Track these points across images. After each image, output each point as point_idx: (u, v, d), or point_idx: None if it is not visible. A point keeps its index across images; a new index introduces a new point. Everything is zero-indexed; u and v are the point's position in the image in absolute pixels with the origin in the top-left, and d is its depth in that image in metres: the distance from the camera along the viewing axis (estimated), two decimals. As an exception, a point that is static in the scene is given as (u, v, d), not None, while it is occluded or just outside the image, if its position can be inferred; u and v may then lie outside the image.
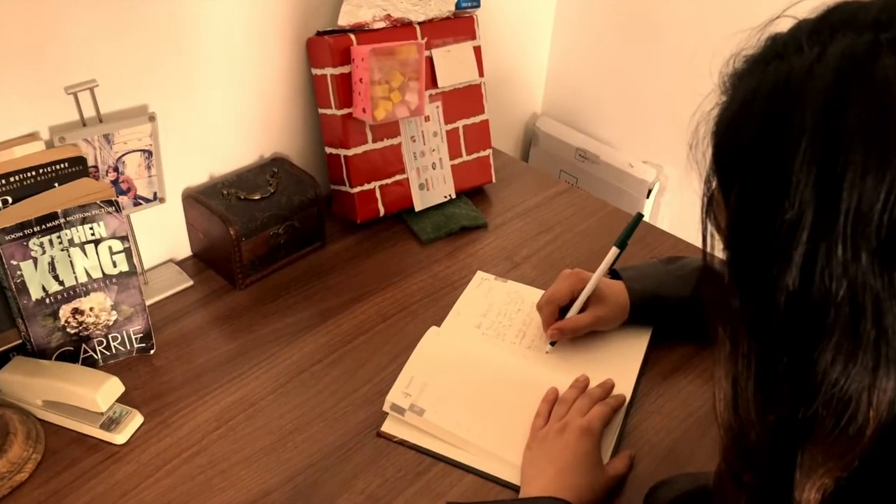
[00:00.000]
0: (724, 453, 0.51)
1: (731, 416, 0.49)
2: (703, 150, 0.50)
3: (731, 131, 0.47)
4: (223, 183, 1.08)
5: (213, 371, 0.95)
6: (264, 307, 1.05)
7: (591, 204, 1.28)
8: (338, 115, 1.11)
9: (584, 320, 0.95)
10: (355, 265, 1.12)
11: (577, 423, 0.82)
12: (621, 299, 0.97)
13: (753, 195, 0.45)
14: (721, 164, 0.48)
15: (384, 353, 0.98)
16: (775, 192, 0.43)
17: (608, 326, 0.98)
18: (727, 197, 0.47)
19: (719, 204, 0.49)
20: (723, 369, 0.49)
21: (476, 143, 1.24)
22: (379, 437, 0.87)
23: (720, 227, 0.50)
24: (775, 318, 0.44)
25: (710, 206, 0.51)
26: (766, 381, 0.46)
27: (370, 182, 1.15)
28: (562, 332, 0.96)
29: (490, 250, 1.16)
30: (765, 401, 0.47)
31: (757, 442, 0.48)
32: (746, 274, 0.47)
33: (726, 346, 0.48)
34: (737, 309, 0.47)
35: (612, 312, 0.96)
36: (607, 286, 0.97)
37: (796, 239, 0.42)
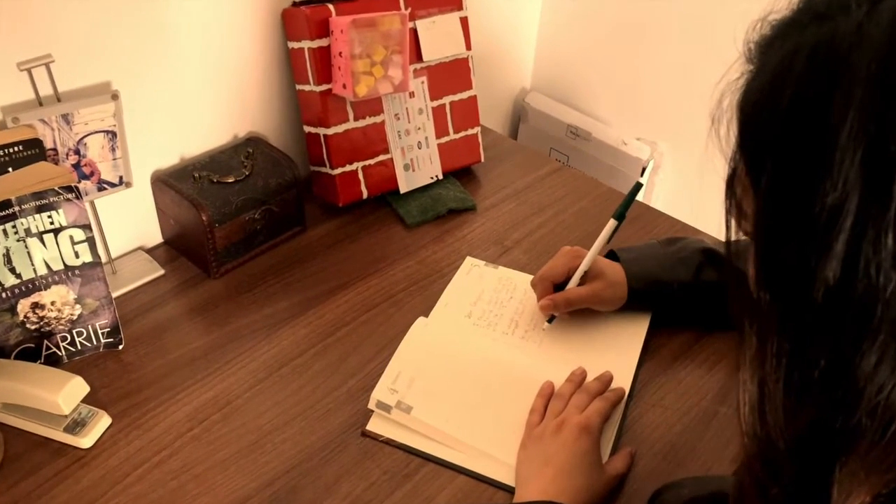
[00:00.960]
0: (749, 463, 0.46)
1: (757, 422, 0.44)
2: (727, 124, 0.45)
3: (762, 103, 0.42)
4: (194, 165, 1.02)
5: (186, 367, 0.89)
6: (241, 297, 0.99)
7: (584, 184, 1.22)
8: (316, 91, 1.04)
9: (579, 292, 0.90)
10: (337, 251, 1.06)
11: (575, 421, 0.77)
12: (620, 279, 0.92)
13: (788, 175, 0.40)
14: (749, 141, 0.43)
15: (369, 345, 0.93)
16: (815, 172, 0.38)
17: (605, 306, 0.93)
18: (756, 178, 0.42)
19: (745, 187, 0.44)
20: (749, 371, 0.44)
21: (464, 120, 1.17)
22: (364, 436, 0.82)
23: (744, 212, 0.45)
24: (811, 315, 0.39)
25: (731, 188, 0.46)
26: (799, 385, 0.41)
27: (352, 163, 1.08)
28: (555, 305, 0.91)
29: (479, 234, 1.10)
30: (796, 407, 0.42)
31: (786, 452, 0.43)
32: (778, 265, 0.42)
33: (753, 345, 0.44)
34: (766, 304, 0.42)
35: (609, 290, 0.91)
36: (606, 264, 0.93)
37: (838, 226, 0.37)
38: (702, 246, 0.95)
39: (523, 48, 1.55)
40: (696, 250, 0.94)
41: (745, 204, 0.45)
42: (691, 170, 1.43)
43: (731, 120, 0.44)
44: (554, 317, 0.93)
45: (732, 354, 0.94)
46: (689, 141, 1.41)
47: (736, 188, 0.45)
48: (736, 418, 0.84)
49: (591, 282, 0.91)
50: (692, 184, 1.44)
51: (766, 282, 0.43)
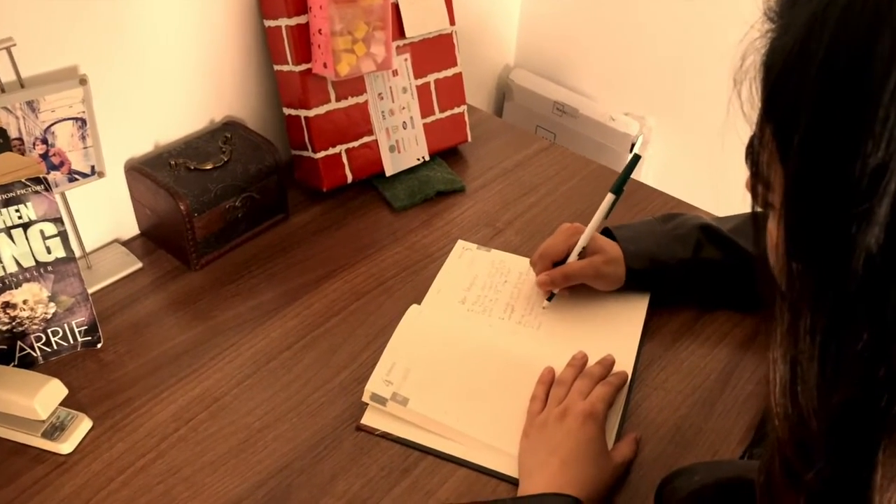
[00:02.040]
0: (779, 448, 0.43)
1: (788, 403, 0.41)
2: (750, 85, 0.41)
3: (792, 61, 0.38)
4: (170, 152, 0.97)
5: (169, 364, 0.85)
6: (224, 289, 0.95)
7: (573, 162, 1.19)
8: (296, 71, 0.99)
9: (577, 266, 0.88)
10: (323, 238, 1.02)
11: (579, 408, 0.74)
12: (618, 256, 0.89)
13: (824, 137, 0.37)
14: (778, 103, 0.39)
15: (360, 335, 0.89)
16: (854, 132, 0.35)
17: (604, 283, 0.90)
18: (786, 142, 0.39)
19: (771, 152, 0.41)
20: (779, 349, 0.41)
21: (449, 98, 1.13)
22: (359, 430, 0.79)
23: (767, 180, 0.42)
24: (851, 287, 0.36)
25: (755, 154, 0.43)
26: (836, 362, 0.39)
27: (335, 145, 1.04)
28: (553, 281, 0.88)
29: (470, 216, 1.07)
30: (832, 386, 0.39)
31: (820, 434, 0.40)
32: (813, 234, 0.38)
33: (784, 321, 0.41)
34: (798, 276, 0.39)
35: (609, 267, 0.89)
36: (605, 242, 0.90)
37: (881, 189, 0.34)
38: (700, 222, 0.92)
39: (506, 24, 1.51)
40: (694, 227, 0.92)
41: (769, 171, 0.42)
42: (681, 144, 1.40)
43: (755, 79, 0.41)
44: (553, 294, 0.91)
45: (735, 332, 0.92)
46: (679, 115, 1.38)
47: (760, 154, 0.42)
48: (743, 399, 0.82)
49: (590, 258, 0.88)
50: (683, 158, 1.41)
51: (798, 253, 0.40)
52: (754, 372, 0.87)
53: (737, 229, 0.92)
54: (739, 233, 0.91)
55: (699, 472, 0.64)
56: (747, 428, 0.82)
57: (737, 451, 0.80)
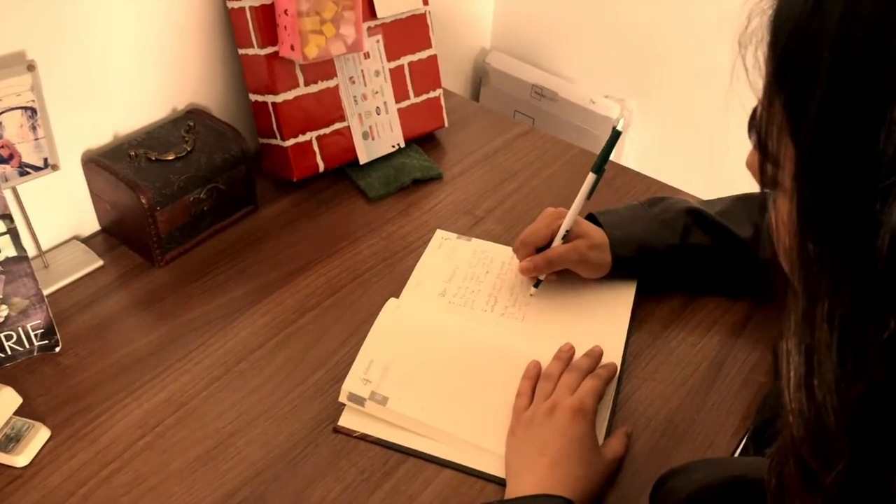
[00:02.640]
0: (794, 447, 0.40)
1: (803, 398, 0.38)
2: (755, 49, 0.38)
3: (806, 21, 0.34)
4: (130, 143, 0.92)
5: (133, 367, 0.80)
6: (190, 287, 0.90)
7: (554, 146, 1.15)
8: (261, 55, 0.94)
9: (560, 251, 0.84)
10: (294, 231, 0.98)
11: (568, 403, 0.71)
12: (604, 242, 0.86)
13: (842, 106, 0.33)
14: (789, 68, 0.36)
15: (336, 332, 0.85)
16: (878, 99, 0.32)
17: (590, 269, 0.86)
18: (798, 112, 0.35)
19: (781, 124, 0.37)
20: (793, 339, 0.38)
21: (424, 82, 1.09)
22: (336, 433, 0.75)
23: (774, 155, 0.38)
24: (875, 268, 0.33)
25: (756, 127, 0.40)
26: (857, 351, 0.35)
27: (305, 133, 0.99)
28: (536, 267, 0.84)
29: (448, 205, 1.03)
30: (852, 377, 0.36)
31: (838, 431, 0.37)
32: (831, 212, 0.35)
33: (798, 308, 0.37)
34: (815, 257, 0.36)
35: (594, 252, 0.85)
36: (589, 227, 0.87)
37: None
38: (687, 206, 0.89)
39: (481, 5, 1.47)
40: (681, 211, 0.88)
41: (777, 145, 0.38)
42: (663, 127, 1.37)
43: (762, 42, 0.37)
44: (540, 281, 0.87)
45: (725, 319, 0.88)
46: (660, 97, 1.35)
47: (767, 127, 0.38)
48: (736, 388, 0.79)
49: (574, 241, 0.85)
50: (664, 141, 1.38)
51: (814, 233, 0.36)
52: (746, 360, 0.84)
53: (725, 213, 0.89)
54: (728, 216, 0.88)
55: (697, 471, 0.60)
56: (741, 418, 0.79)
57: (732, 442, 0.77)
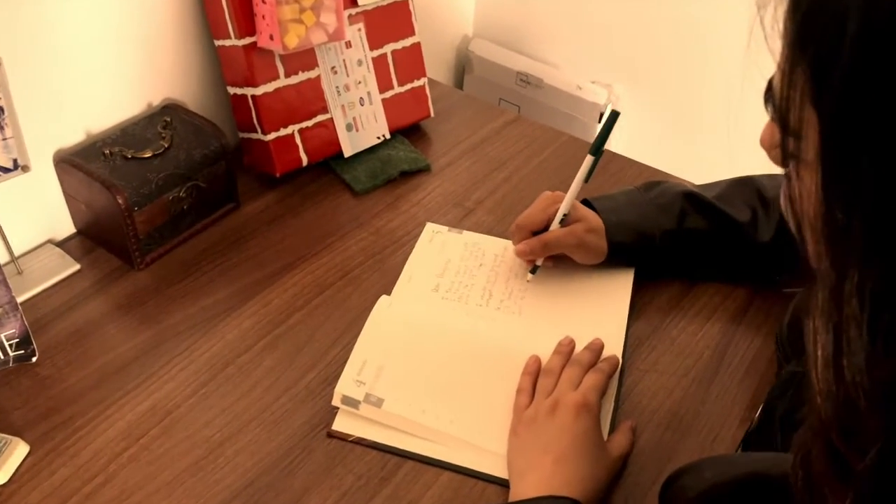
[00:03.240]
0: (823, 430, 0.38)
1: (832, 379, 0.36)
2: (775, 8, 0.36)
3: None
4: (104, 141, 0.88)
5: (115, 375, 0.77)
6: (172, 289, 0.86)
7: (542, 134, 1.12)
8: (239, 45, 0.91)
9: (557, 234, 0.82)
10: (279, 228, 0.94)
11: (571, 399, 0.68)
12: (600, 227, 0.84)
13: (870, 67, 0.31)
14: (814, 30, 0.34)
15: (326, 331, 0.81)
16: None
17: (587, 255, 0.84)
18: (824, 78, 0.33)
19: (804, 92, 0.35)
20: (821, 317, 0.36)
21: (408, 71, 1.06)
22: (330, 437, 0.72)
23: (795, 126, 0.36)
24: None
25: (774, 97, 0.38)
26: (889, 328, 0.34)
27: (287, 126, 0.96)
28: (532, 250, 0.82)
29: (437, 197, 0.99)
30: (885, 356, 0.34)
31: (869, 414, 0.35)
32: (860, 179, 0.33)
33: (826, 284, 0.35)
34: (843, 228, 0.34)
35: (591, 236, 0.83)
36: (586, 211, 0.84)
37: None
38: (683, 190, 0.87)
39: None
40: (678, 195, 0.86)
41: (799, 115, 0.36)
42: (651, 112, 1.34)
43: (781, 3, 0.35)
44: (537, 267, 0.85)
45: (726, 305, 0.86)
46: (647, 81, 1.33)
47: (788, 96, 0.36)
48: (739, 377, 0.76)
49: (572, 225, 0.83)
50: (653, 126, 1.35)
51: (842, 204, 0.34)
52: (749, 347, 0.83)
53: (721, 197, 0.87)
54: (724, 200, 0.86)
55: (709, 468, 0.58)
56: (746, 408, 0.77)
57: (738, 434, 0.75)
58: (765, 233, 0.84)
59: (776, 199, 0.85)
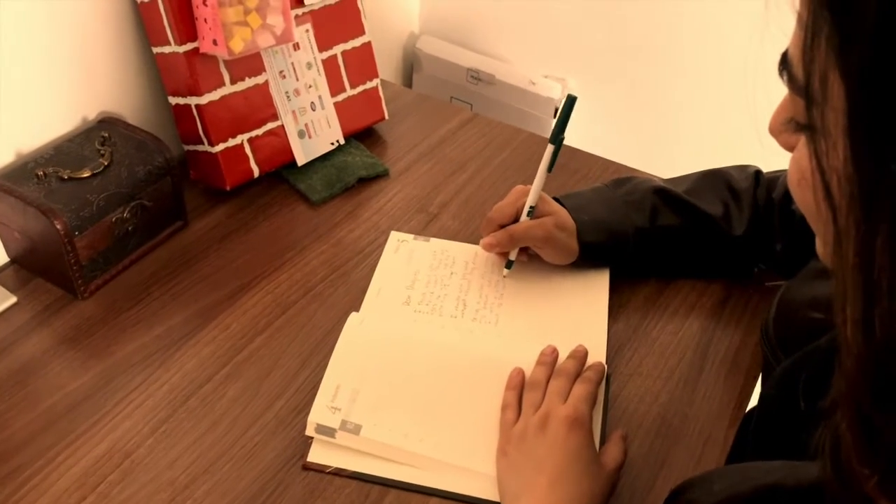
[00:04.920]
0: (852, 399, 0.35)
1: (861, 339, 0.34)
2: None
3: None
4: (36, 161, 0.81)
5: (65, 417, 0.70)
6: (122, 318, 0.80)
7: (501, 132, 1.09)
8: (180, 52, 0.84)
9: (524, 227, 0.79)
10: (233, 245, 0.88)
11: (561, 413, 0.65)
12: (570, 225, 0.81)
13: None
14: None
15: (292, 354, 0.76)
16: None
17: (556, 250, 0.81)
18: (850, 40, 0.32)
19: (827, 60, 0.33)
20: (850, 276, 0.34)
21: (360, 72, 1.01)
22: (307, 470, 0.67)
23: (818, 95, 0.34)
24: None
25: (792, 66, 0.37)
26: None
27: (235, 136, 0.90)
28: (498, 243, 0.80)
29: (399, 203, 0.95)
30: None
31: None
32: None
33: (854, 239, 0.33)
34: (872, 179, 0.32)
35: (561, 232, 0.80)
36: (556, 207, 0.82)
37: None
38: (653, 186, 0.85)
39: (406, -13, 1.39)
40: (648, 191, 0.84)
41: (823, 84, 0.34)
42: (607, 105, 1.32)
43: None
44: (511, 262, 0.83)
45: (702, 302, 0.85)
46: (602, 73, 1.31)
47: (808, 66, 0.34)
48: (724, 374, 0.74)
49: (541, 218, 0.80)
50: (610, 119, 1.33)
51: (875, 162, 0.32)
52: (730, 343, 0.81)
53: (692, 191, 0.85)
54: (695, 194, 0.84)
55: (716, 481, 0.55)
56: (735, 407, 0.75)
57: (729, 435, 0.73)
58: (738, 226, 0.82)
59: (746, 191, 0.84)
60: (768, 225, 0.82)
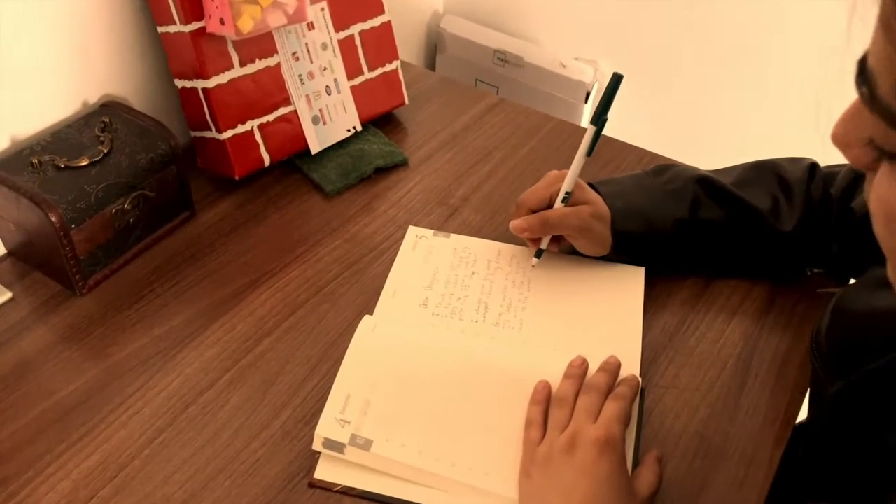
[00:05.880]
0: None
1: None
2: None
3: None
4: (32, 148, 0.76)
5: (56, 425, 0.66)
6: (121, 316, 0.75)
7: (529, 118, 1.02)
8: (186, 32, 0.79)
9: (559, 213, 0.73)
10: (241, 238, 0.83)
11: (592, 434, 0.59)
12: (607, 214, 0.75)
13: None
14: None
15: (300, 360, 0.71)
16: None
17: (591, 240, 0.75)
18: None
19: None
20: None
21: (379, 53, 0.95)
22: (313, 488, 0.62)
23: None
24: None
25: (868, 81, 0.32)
26: None
27: (245, 122, 0.85)
28: (529, 227, 0.74)
29: (418, 195, 0.89)
30: None
31: None
32: None
33: None
34: None
35: (598, 222, 0.74)
36: (594, 195, 0.76)
37: None
38: (696, 174, 0.79)
39: (430, -37, 1.32)
40: (690, 180, 0.78)
41: None
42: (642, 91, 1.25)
43: None
44: (542, 250, 0.77)
45: (746, 306, 0.78)
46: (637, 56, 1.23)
47: None
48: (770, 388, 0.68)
49: (578, 206, 0.74)
50: (644, 107, 1.26)
51: None
52: (775, 352, 0.74)
53: (740, 182, 0.79)
54: (743, 186, 0.78)
55: None
56: (781, 424, 0.69)
57: (775, 455, 0.66)
58: (787, 222, 0.76)
59: (799, 184, 0.77)
60: (823, 223, 0.75)
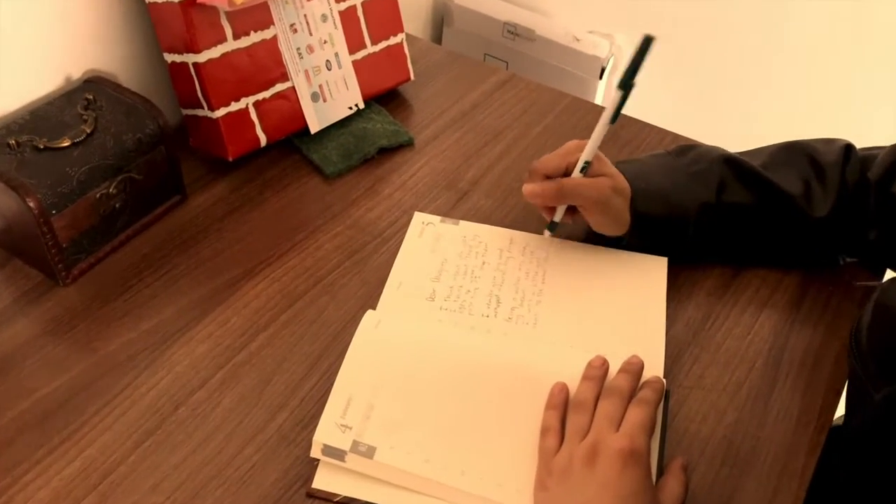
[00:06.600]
0: None
1: None
2: None
3: None
4: (9, 127, 0.71)
5: (35, 428, 0.61)
6: (107, 308, 0.70)
7: (542, 95, 0.97)
8: (175, 1, 0.73)
9: (577, 182, 0.68)
10: (236, 224, 0.78)
11: (615, 444, 0.54)
12: (627, 190, 0.70)
13: None
14: None
15: (298, 357, 0.66)
16: None
17: (609, 216, 0.70)
18: None
19: None
20: None
21: (382, 26, 0.89)
22: (311, 498, 0.57)
23: None
24: None
25: None
26: None
27: (239, 99, 0.79)
28: (543, 194, 0.69)
29: (424, 177, 0.84)
30: None
31: None
32: None
33: None
34: None
35: (617, 196, 0.69)
36: (615, 169, 0.71)
37: None
38: (722, 155, 0.74)
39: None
40: (716, 161, 0.74)
41: None
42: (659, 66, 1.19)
43: None
44: (556, 224, 0.72)
45: (776, 299, 0.74)
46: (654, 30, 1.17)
47: None
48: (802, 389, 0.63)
49: (597, 178, 0.69)
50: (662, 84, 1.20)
51: None
52: (807, 349, 0.70)
53: (769, 164, 0.74)
54: (773, 168, 0.73)
55: None
56: (815, 429, 0.64)
57: (809, 463, 0.62)
58: (820, 207, 0.71)
59: (833, 167, 0.72)
60: (860, 208, 0.70)
